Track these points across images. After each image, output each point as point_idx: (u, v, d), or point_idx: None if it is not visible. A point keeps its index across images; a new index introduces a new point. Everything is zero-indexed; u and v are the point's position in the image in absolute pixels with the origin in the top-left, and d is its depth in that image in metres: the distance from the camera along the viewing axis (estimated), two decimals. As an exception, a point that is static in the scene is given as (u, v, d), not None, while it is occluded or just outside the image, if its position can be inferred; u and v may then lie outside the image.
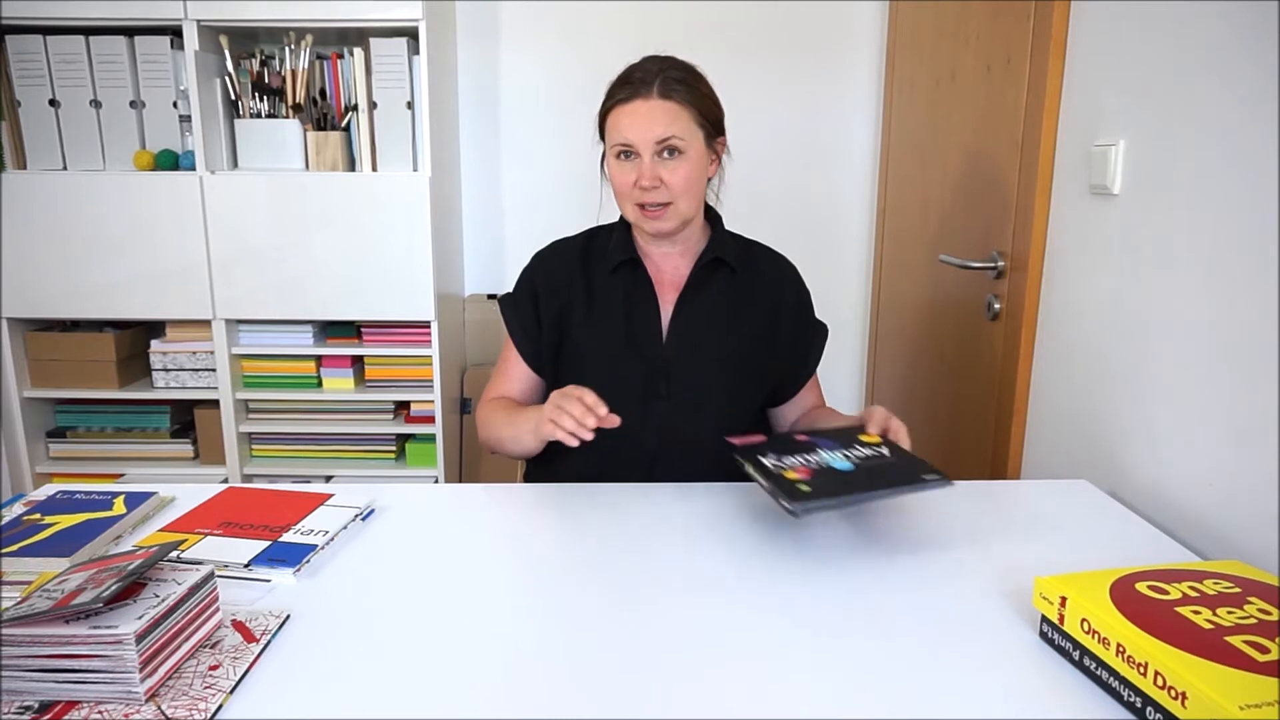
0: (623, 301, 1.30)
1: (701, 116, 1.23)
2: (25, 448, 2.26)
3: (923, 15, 2.09)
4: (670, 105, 1.20)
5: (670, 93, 1.20)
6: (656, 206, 1.22)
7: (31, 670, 0.71)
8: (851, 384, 2.69)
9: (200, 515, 1.09)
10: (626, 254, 1.30)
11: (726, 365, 1.29)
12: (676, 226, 1.26)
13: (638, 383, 1.27)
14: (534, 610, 0.89)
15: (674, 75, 1.22)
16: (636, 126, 1.20)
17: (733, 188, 2.55)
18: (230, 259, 2.16)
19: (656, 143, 1.20)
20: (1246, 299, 1.00)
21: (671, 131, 1.20)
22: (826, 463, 1.03)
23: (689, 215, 1.26)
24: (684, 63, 1.26)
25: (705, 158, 1.25)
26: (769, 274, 1.36)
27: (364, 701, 0.74)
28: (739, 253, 1.34)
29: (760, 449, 1.07)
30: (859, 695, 0.75)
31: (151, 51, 2.14)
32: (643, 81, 1.21)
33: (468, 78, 2.47)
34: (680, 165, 1.21)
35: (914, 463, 1.04)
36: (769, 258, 1.39)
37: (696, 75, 1.26)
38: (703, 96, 1.24)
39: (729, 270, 1.31)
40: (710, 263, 1.31)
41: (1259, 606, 0.77)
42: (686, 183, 1.22)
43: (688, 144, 1.21)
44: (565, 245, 1.37)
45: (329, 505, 1.12)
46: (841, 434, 1.13)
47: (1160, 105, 1.17)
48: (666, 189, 1.21)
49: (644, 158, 1.20)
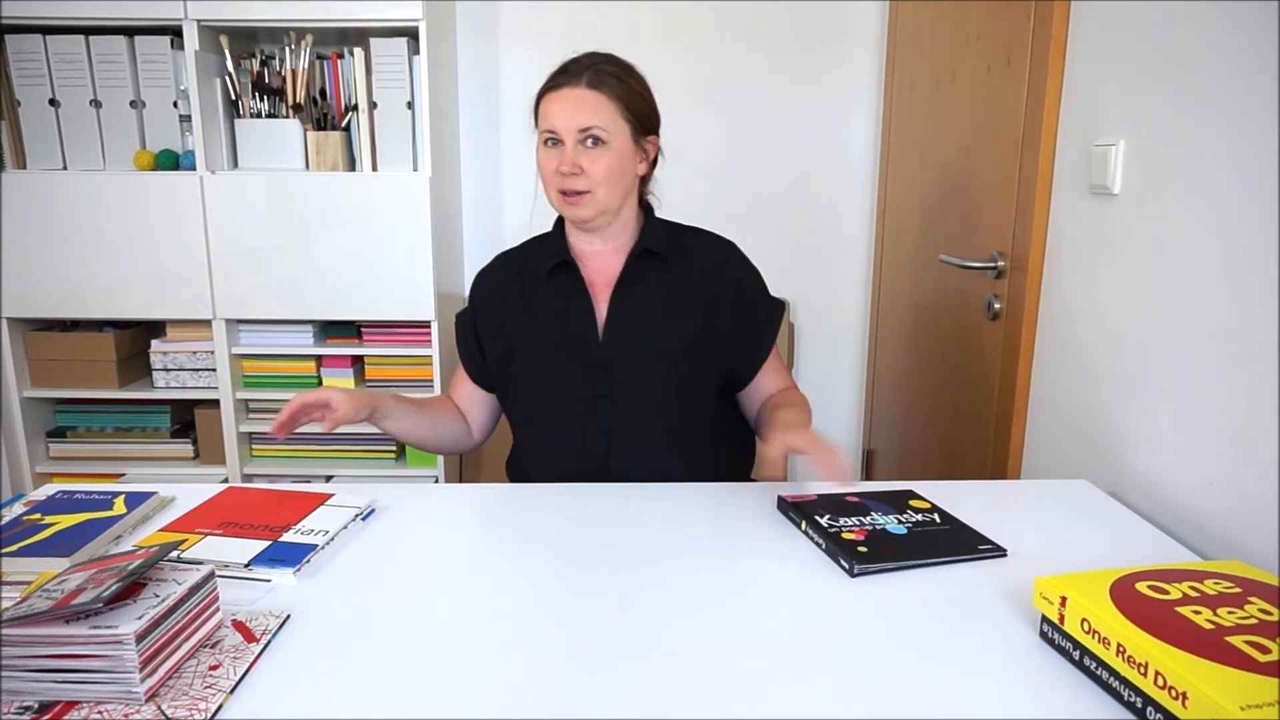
0: (559, 305, 1.31)
1: (628, 110, 1.24)
2: (25, 448, 2.26)
3: (923, 15, 2.09)
4: (596, 95, 1.22)
5: (598, 84, 1.22)
6: (576, 194, 1.24)
7: (31, 670, 0.71)
8: (851, 384, 2.69)
9: (200, 515, 1.08)
10: (559, 257, 1.32)
11: (667, 356, 1.28)
12: (595, 215, 1.26)
13: (579, 384, 1.28)
14: (534, 610, 0.89)
15: (606, 69, 1.24)
16: (562, 113, 1.22)
17: (733, 188, 2.57)
18: (230, 259, 2.16)
19: (579, 130, 1.21)
20: (1247, 299, 1.00)
21: (595, 121, 1.21)
22: (881, 525, 1.05)
23: (608, 206, 1.26)
24: (621, 59, 1.28)
25: (631, 152, 1.26)
26: (704, 260, 1.34)
27: (364, 701, 0.74)
28: (671, 242, 1.33)
29: (814, 507, 1.10)
30: (859, 695, 0.75)
31: (151, 51, 2.14)
32: (573, 72, 1.23)
33: (468, 78, 2.47)
34: (602, 155, 1.22)
35: (966, 532, 1.05)
36: (704, 243, 1.37)
37: (631, 72, 1.27)
38: (632, 92, 1.25)
39: (661, 261, 1.31)
40: (641, 256, 1.31)
41: (1259, 606, 0.77)
42: (608, 172, 1.23)
43: (611, 135, 1.23)
44: (504, 258, 1.41)
45: (329, 505, 1.12)
46: (893, 497, 1.15)
47: (1160, 105, 1.17)
48: (587, 177, 1.23)
49: (567, 144, 1.22)
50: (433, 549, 1.05)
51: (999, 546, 1.01)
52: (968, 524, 1.07)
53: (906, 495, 1.16)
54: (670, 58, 2.45)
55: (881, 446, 2.47)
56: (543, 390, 1.31)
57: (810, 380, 2.67)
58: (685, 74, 2.45)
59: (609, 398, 1.28)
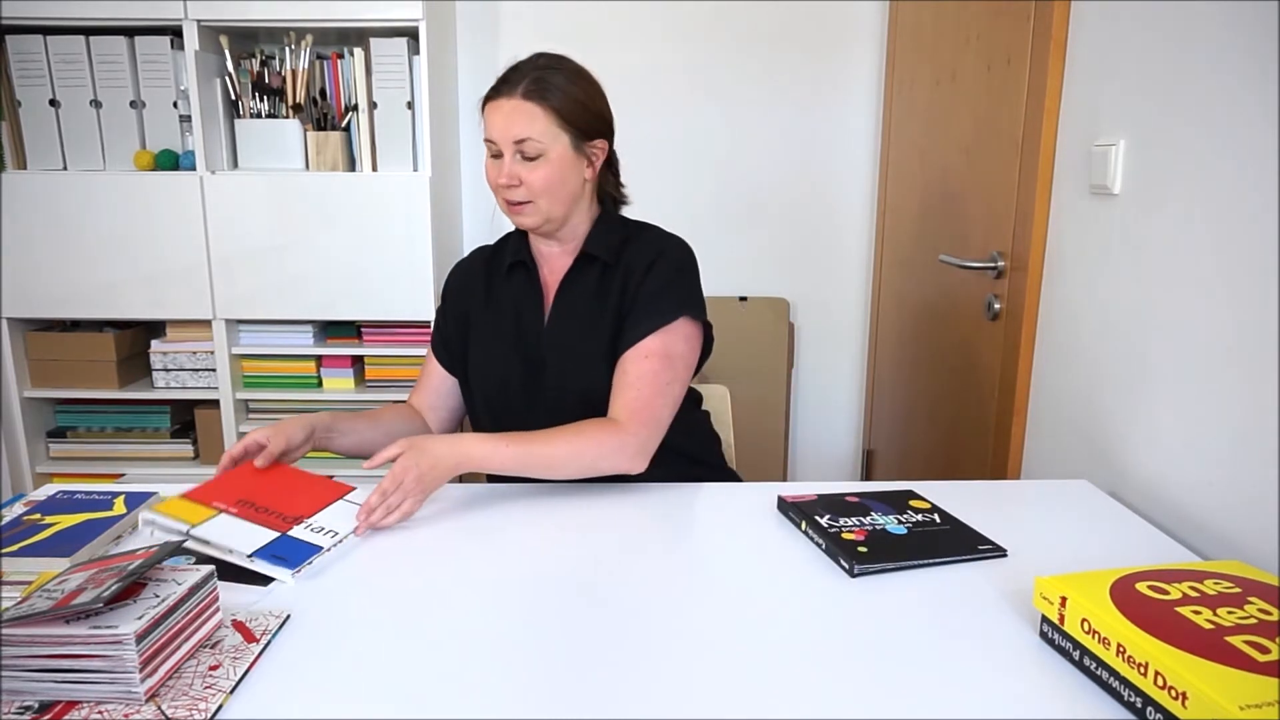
0: (514, 301, 1.33)
1: (564, 120, 1.21)
2: (25, 448, 2.26)
3: (923, 15, 2.09)
4: (529, 106, 1.20)
5: (532, 94, 1.20)
6: (518, 203, 1.24)
7: (31, 670, 0.71)
8: (852, 384, 2.69)
9: (223, 485, 1.09)
10: (516, 256, 1.34)
11: (600, 358, 1.27)
12: (540, 223, 1.26)
13: (519, 382, 1.30)
14: (533, 609, 0.89)
15: (542, 76, 1.21)
16: (497, 125, 1.21)
17: (733, 188, 2.57)
18: (230, 259, 2.16)
19: (514, 143, 1.21)
20: (1247, 299, 1.00)
21: (527, 134, 1.20)
22: (881, 526, 1.06)
23: (552, 214, 1.25)
24: (565, 63, 1.25)
25: (572, 160, 1.24)
26: (639, 259, 1.29)
27: (364, 701, 0.74)
28: (617, 245, 1.31)
29: (814, 507, 1.10)
30: (858, 695, 0.75)
31: (151, 51, 2.14)
32: (508, 80, 1.22)
33: (468, 78, 2.47)
34: (539, 167, 1.21)
35: (966, 533, 1.05)
36: (648, 244, 1.31)
37: (572, 77, 1.24)
38: (571, 100, 1.22)
39: (602, 265, 1.30)
40: (582, 259, 1.31)
41: (1259, 606, 0.77)
42: (546, 184, 1.22)
43: (546, 146, 1.21)
44: (478, 251, 1.44)
45: (347, 500, 1.12)
46: (893, 497, 1.15)
47: (1160, 105, 1.17)
48: (525, 188, 1.22)
49: (505, 155, 1.22)
50: (433, 549, 1.05)
51: (999, 546, 1.01)
52: (968, 524, 1.07)
53: (906, 495, 1.16)
54: (670, 57, 2.45)
55: (881, 446, 2.47)
56: (488, 383, 1.33)
57: (810, 380, 2.67)
58: (685, 74, 2.45)
59: (544, 393, 1.29)
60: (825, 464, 2.71)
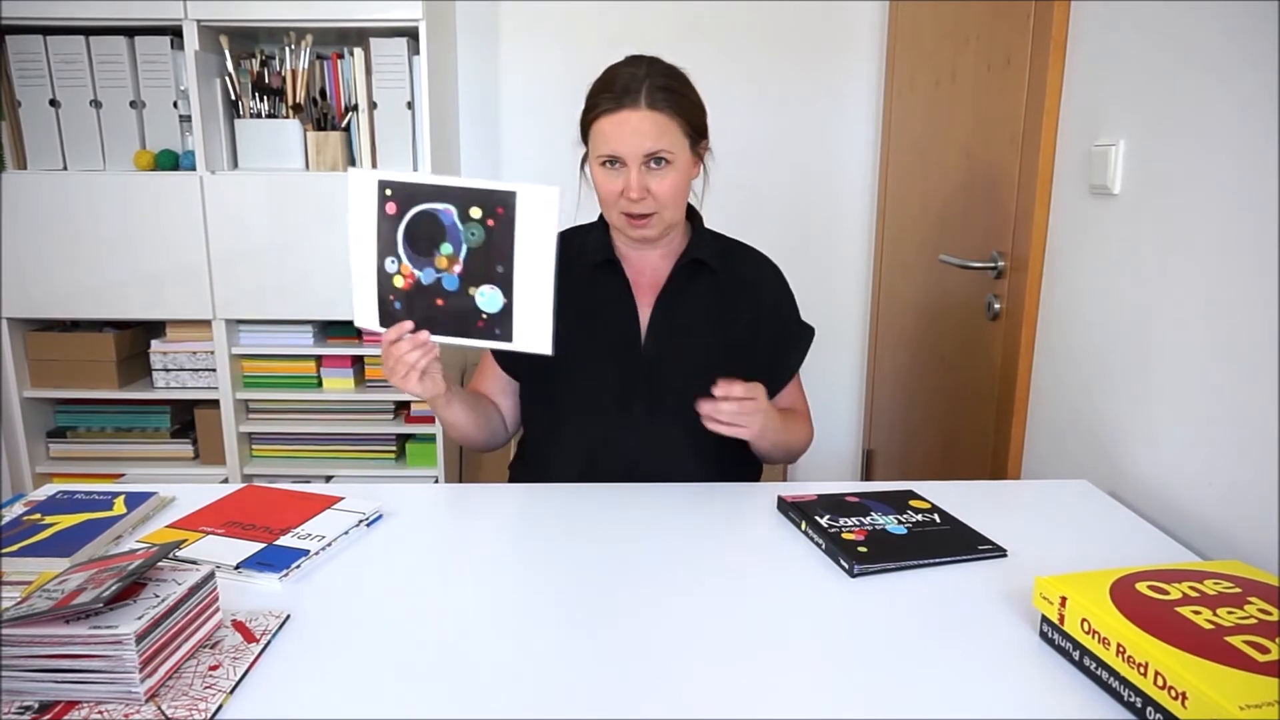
0: (599, 303, 1.30)
1: (688, 125, 1.22)
2: (25, 448, 2.26)
3: (923, 15, 2.09)
4: (659, 117, 1.18)
5: (657, 103, 1.19)
6: (642, 216, 1.22)
7: (31, 670, 0.71)
8: (852, 384, 2.69)
9: (209, 514, 1.09)
10: (604, 255, 1.30)
11: (708, 367, 1.26)
12: (663, 233, 1.26)
13: (616, 385, 1.27)
14: (534, 610, 0.89)
15: (660, 83, 1.20)
16: (625, 139, 1.18)
17: (732, 188, 2.56)
18: (230, 259, 2.16)
19: (645, 155, 1.19)
20: (1246, 299, 1.00)
21: (661, 145, 1.19)
22: (881, 526, 1.06)
23: (674, 222, 1.26)
24: (669, 67, 1.25)
25: (691, 164, 1.25)
26: (750, 275, 1.34)
27: (364, 701, 0.74)
28: (719, 253, 1.33)
29: (814, 507, 1.10)
30: (859, 695, 0.75)
31: (151, 51, 2.14)
32: (627, 90, 1.19)
33: (468, 78, 2.47)
34: (668, 175, 1.20)
35: (966, 533, 1.05)
36: (750, 258, 1.37)
37: (683, 81, 1.25)
38: (690, 104, 1.23)
39: (709, 271, 1.31)
40: (690, 264, 1.30)
41: (1259, 606, 0.77)
42: (674, 192, 1.22)
43: (676, 155, 1.20)
44: None
45: (336, 509, 1.11)
46: (893, 497, 1.15)
47: (1160, 105, 1.17)
48: (654, 199, 1.20)
49: (631, 169, 1.19)
50: (433, 549, 1.05)
51: (999, 547, 1.01)
52: (968, 524, 1.07)
53: (906, 495, 1.16)
54: (670, 58, 2.43)
55: (881, 446, 2.47)
56: (577, 385, 1.28)
57: (810, 380, 2.66)
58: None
59: (646, 401, 1.27)
60: (825, 464, 2.71)
